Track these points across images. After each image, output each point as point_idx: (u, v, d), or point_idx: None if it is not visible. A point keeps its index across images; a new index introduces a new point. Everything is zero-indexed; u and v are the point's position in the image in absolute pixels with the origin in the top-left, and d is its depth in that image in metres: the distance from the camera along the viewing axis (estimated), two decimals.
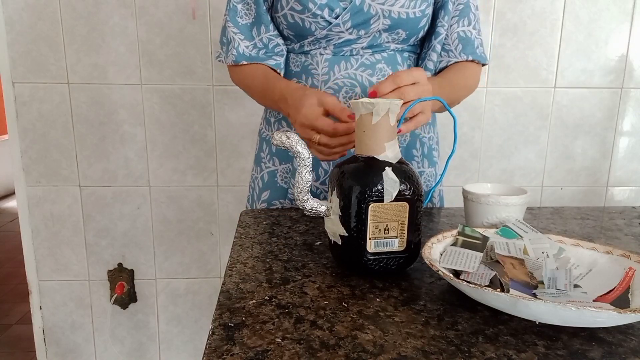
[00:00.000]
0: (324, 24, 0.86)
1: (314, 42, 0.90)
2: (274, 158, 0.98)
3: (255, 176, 1.02)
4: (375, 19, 0.86)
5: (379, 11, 0.85)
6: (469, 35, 0.93)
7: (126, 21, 1.49)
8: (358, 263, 0.61)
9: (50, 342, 1.72)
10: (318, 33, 0.87)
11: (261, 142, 1.02)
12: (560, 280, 0.55)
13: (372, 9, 0.85)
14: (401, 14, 0.86)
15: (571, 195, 1.72)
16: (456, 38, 0.92)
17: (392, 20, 0.86)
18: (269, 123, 1.00)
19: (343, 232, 0.60)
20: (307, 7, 0.85)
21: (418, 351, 0.45)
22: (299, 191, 0.61)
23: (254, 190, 1.02)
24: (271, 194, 0.99)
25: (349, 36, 0.88)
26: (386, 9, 0.85)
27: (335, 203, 0.61)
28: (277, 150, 0.98)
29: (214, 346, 0.46)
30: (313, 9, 0.85)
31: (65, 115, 1.55)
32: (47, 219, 1.62)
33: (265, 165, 1.00)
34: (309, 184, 0.61)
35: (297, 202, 0.62)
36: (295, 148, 0.59)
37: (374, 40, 0.89)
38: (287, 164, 0.97)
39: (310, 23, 0.87)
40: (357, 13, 0.85)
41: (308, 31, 0.88)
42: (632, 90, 1.64)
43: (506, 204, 0.69)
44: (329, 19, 0.86)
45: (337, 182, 0.60)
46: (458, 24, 0.92)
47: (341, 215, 0.60)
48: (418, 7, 0.86)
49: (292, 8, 0.86)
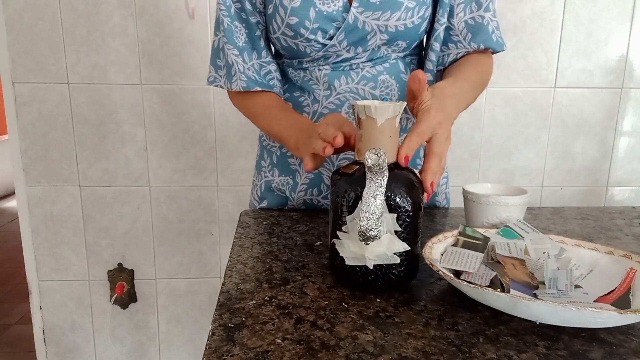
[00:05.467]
0: (319, 46, 0.82)
1: (311, 61, 0.86)
2: (274, 169, 0.95)
3: (256, 183, 1.00)
4: (371, 35, 0.82)
5: (374, 27, 0.80)
6: (479, 21, 0.83)
7: (126, 21, 1.49)
8: (413, 277, 0.59)
9: (50, 342, 1.72)
10: (315, 55, 0.84)
11: (262, 150, 0.99)
12: (561, 280, 0.55)
13: (367, 26, 0.80)
14: (398, 27, 0.81)
15: (571, 195, 1.72)
16: (464, 27, 0.84)
17: (389, 35, 0.82)
18: None
19: (404, 248, 0.56)
20: (299, 32, 0.81)
21: (418, 352, 0.45)
22: (377, 217, 0.53)
23: (255, 194, 1.00)
24: (269, 202, 0.97)
25: (347, 54, 0.84)
26: (382, 24, 0.80)
27: (388, 220, 0.55)
28: (278, 162, 0.95)
29: (214, 347, 0.46)
30: (305, 34, 0.81)
31: (65, 115, 1.54)
32: (47, 219, 1.62)
33: (264, 175, 0.97)
34: None
35: (370, 231, 0.53)
36: (384, 170, 0.53)
37: (374, 54, 0.85)
38: (287, 176, 0.94)
39: (304, 47, 0.83)
40: (352, 31, 0.81)
41: (303, 54, 0.85)
42: (632, 90, 1.64)
43: (506, 204, 0.69)
44: (323, 41, 0.82)
45: (391, 196, 0.55)
46: (465, 12, 0.84)
47: (401, 231, 0.56)
48: (416, 15, 0.81)
49: (284, 33, 0.83)
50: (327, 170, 0.91)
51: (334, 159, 0.90)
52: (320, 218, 0.86)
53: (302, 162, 0.89)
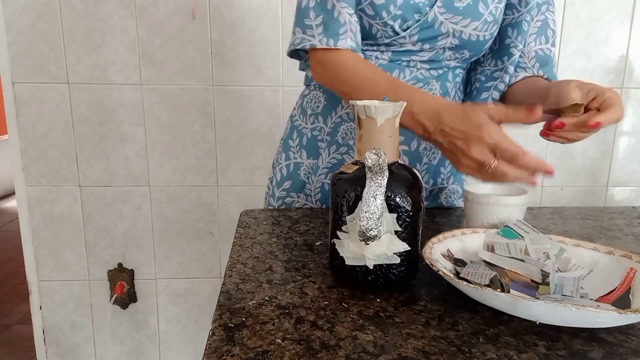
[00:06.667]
0: (391, 33, 0.82)
1: (374, 45, 0.85)
2: (302, 150, 0.95)
3: (280, 162, 0.98)
4: (443, 37, 0.83)
5: (450, 30, 0.82)
6: (547, 54, 0.88)
7: (126, 21, 1.49)
8: (413, 277, 0.59)
9: (50, 342, 1.72)
10: (381, 40, 0.83)
11: (292, 129, 0.97)
12: (567, 287, 0.55)
13: (444, 27, 0.81)
14: (472, 36, 0.83)
15: (571, 195, 1.72)
16: (534, 57, 0.88)
17: (460, 41, 0.83)
18: (305, 114, 0.95)
19: (404, 248, 0.56)
20: (380, 14, 0.79)
21: (418, 352, 0.45)
22: (377, 217, 0.53)
23: (276, 175, 0.99)
24: (292, 185, 0.96)
25: (412, 47, 0.84)
26: (458, 29, 0.82)
27: (388, 220, 0.55)
28: (308, 144, 0.94)
29: (214, 347, 0.46)
30: (385, 18, 0.79)
31: (65, 115, 1.55)
32: (47, 219, 1.62)
33: (293, 156, 0.96)
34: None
35: (370, 231, 0.53)
36: (384, 170, 0.53)
37: (436, 56, 0.85)
38: (314, 159, 0.94)
39: (377, 30, 0.82)
40: (428, 28, 0.81)
41: (372, 37, 0.83)
42: (632, 90, 1.64)
43: (506, 204, 0.69)
44: (398, 30, 0.81)
45: (391, 196, 0.55)
46: (535, 42, 0.88)
47: (401, 231, 0.56)
48: (489, 30, 0.84)
49: (364, 10, 0.80)
50: (349, 158, 0.91)
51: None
52: (320, 218, 0.86)
53: (329, 146, 0.91)
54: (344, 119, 0.91)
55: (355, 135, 0.60)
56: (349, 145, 0.91)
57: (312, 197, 0.96)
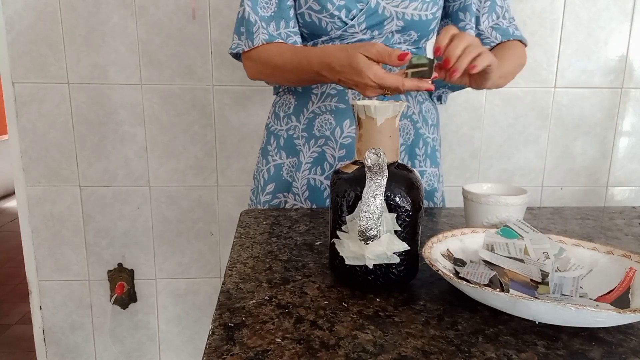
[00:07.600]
0: (340, 24, 0.89)
1: (328, 42, 0.91)
2: (281, 152, 0.99)
3: (261, 168, 1.02)
4: (389, 21, 0.89)
5: (392, 13, 0.88)
6: (502, 26, 0.97)
7: (126, 21, 1.49)
8: (412, 277, 0.59)
9: (50, 342, 1.72)
10: (333, 33, 0.90)
11: (269, 135, 1.02)
12: (566, 286, 0.55)
13: (387, 11, 0.88)
14: (414, 16, 0.90)
15: (571, 195, 1.72)
16: (492, 30, 0.97)
17: (405, 22, 0.90)
18: (278, 117, 1.00)
19: (404, 247, 0.56)
20: (326, 7, 0.87)
21: (418, 351, 0.45)
22: (377, 216, 0.53)
23: (259, 182, 1.02)
24: (276, 187, 0.99)
25: (363, 36, 0.90)
26: (400, 11, 0.89)
27: (388, 219, 0.55)
28: (285, 144, 0.98)
29: (214, 346, 0.46)
30: (331, 10, 0.87)
31: (65, 115, 1.55)
32: (47, 219, 1.62)
33: (272, 159, 1.00)
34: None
35: (370, 231, 0.53)
36: (384, 170, 0.53)
37: (387, 41, 0.92)
38: (293, 157, 0.97)
39: (327, 23, 0.89)
40: (372, 15, 0.88)
41: (323, 31, 0.90)
42: (632, 90, 1.64)
43: (506, 204, 0.69)
44: (345, 19, 0.88)
45: (391, 196, 0.55)
46: (488, 20, 0.97)
47: (401, 230, 0.56)
48: (430, 10, 0.90)
49: (310, 7, 0.88)
50: (330, 149, 0.94)
51: (338, 138, 0.93)
52: (320, 218, 0.86)
53: (308, 142, 0.95)
54: (316, 113, 0.95)
55: (355, 135, 0.60)
56: (327, 136, 0.94)
57: (301, 195, 0.97)
